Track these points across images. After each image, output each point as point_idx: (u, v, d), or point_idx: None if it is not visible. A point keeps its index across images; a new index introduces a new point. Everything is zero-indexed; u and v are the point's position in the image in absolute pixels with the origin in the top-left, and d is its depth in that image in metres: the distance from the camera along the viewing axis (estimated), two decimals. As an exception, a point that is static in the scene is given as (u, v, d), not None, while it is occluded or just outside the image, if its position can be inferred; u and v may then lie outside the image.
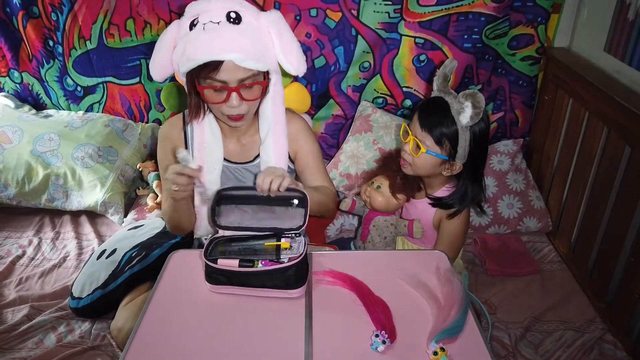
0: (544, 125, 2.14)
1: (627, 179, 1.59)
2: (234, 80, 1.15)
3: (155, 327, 1.00)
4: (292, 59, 1.22)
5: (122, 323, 1.49)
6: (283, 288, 1.05)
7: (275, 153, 1.33)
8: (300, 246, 1.08)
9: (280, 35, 1.20)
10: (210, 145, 1.33)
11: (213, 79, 1.14)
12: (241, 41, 1.13)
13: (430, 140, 1.32)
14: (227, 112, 1.21)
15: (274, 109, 1.30)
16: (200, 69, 1.13)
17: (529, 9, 1.97)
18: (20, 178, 2.08)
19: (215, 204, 1.13)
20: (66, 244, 2.01)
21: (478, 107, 1.24)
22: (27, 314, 1.63)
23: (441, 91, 1.33)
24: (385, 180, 1.48)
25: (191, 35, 1.13)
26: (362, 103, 2.21)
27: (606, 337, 1.58)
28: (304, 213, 1.10)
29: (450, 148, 1.31)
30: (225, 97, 1.18)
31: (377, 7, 1.98)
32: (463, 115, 1.26)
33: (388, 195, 1.46)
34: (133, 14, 2.08)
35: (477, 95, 1.24)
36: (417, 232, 1.47)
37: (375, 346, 0.93)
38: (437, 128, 1.30)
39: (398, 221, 1.51)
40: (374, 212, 1.52)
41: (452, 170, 1.37)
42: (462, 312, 0.99)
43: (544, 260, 1.93)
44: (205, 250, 1.07)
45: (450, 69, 1.33)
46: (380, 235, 1.51)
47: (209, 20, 1.12)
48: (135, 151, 2.24)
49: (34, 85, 2.33)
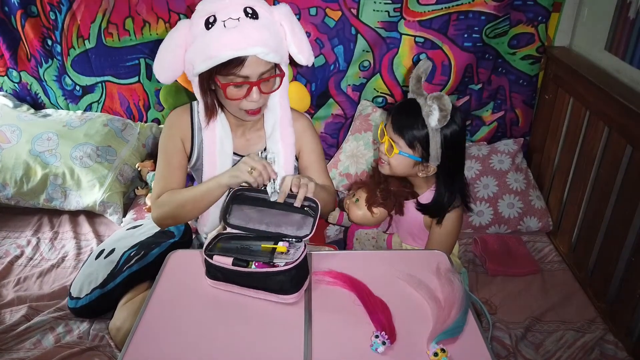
0: (545, 124, 2.13)
1: (628, 178, 1.58)
2: (256, 74, 1.17)
3: (154, 327, 0.99)
4: (303, 51, 1.25)
5: (121, 322, 1.48)
6: (277, 292, 1.03)
7: (283, 143, 1.35)
8: (297, 252, 1.06)
9: (292, 28, 1.22)
10: (222, 139, 1.34)
11: (236, 74, 1.16)
12: (263, 35, 1.14)
13: (402, 142, 1.33)
14: (247, 106, 1.23)
15: (281, 101, 1.33)
16: (222, 66, 1.14)
17: (529, 7, 1.96)
18: (18, 178, 2.07)
19: (229, 202, 1.14)
20: (65, 243, 2.01)
21: (444, 109, 1.24)
22: (25, 314, 1.63)
23: (414, 93, 1.33)
24: (363, 193, 1.48)
25: (212, 34, 1.13)
26: (361, 102, 2.20)
27: (607, 338, 1.57)
28: (312, 222, 1.10)
29: (423, 150, 1.32)
30: (245, 92, 1.19)
31: (376, 6, 1.98)
32: (431, 117, 1.27)
33: (365, 209, 1.46)
34: (132, 13, 2.07)
35: (443, 98, 1.24)
36: (395, 245, 1.48)
37: (375, 347, 0.92)
38: (409, 130, 1.32)
39: (379, 234, 1.51)
40: (357, 225, 1.52)
41: (426, 171, 1.37)
42: (463, 312, 0.98)
43: (545, 260, 1.93)
44: (207, 245, 1.07)
45: (424, 70, 1.33)
46: (362, 249, 1.50)
47: (228, 17, 1.13)
48: (134, 151, 2.23)
49: (33, 84, 2.32)
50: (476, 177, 2.06)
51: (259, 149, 1.40)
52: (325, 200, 1.36)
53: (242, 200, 1.16)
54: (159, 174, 1.38)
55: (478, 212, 2.03)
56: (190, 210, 1.33)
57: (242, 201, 1.16)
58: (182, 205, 1.31)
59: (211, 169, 1.36)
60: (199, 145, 1.38)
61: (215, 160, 1.35)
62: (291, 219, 1.12)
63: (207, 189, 1.27)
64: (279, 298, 1.04)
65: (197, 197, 1.30)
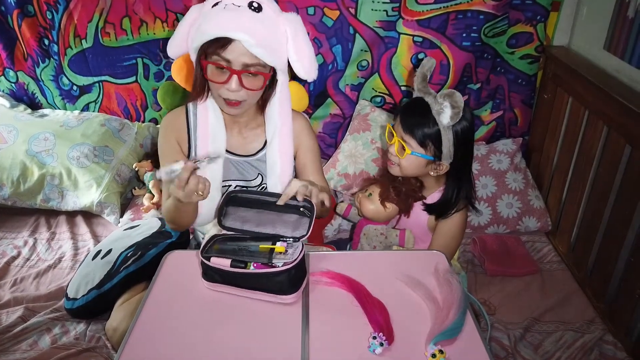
0: (543, 124, 2.12)
1: (627, 177, 1.58)
2: (239, 63, 1.17)
3: (150, 328, 0.99)
4: (303, 60, 1.24)
5: (117, 323, 1.48)
6: (276, 293, 1.03)
7: (281, 154, 1.35)
8: (296, 252, 1.06)
9: (295, 36, 1.22)
10: (215, 131, 1.33)
11: (219, 55, 1.16)
12: (256, 27, 1.14)
13: (414, 142, 1.33)
14: (225, 95, 1.22)
15: (281, 111, 1.32)
16: (210, 44, 1.15)
17: (527, 7, 1.96)
18: (15, 178, 2.06)
19: (224, 205, 1.13)
20: (62, 244, 2.00)
21: (457, 106, 1.24)
22: (22, 315, 1.61)
23: (421, 91, 1.33)
24: (377, 188, 1.48)
25: (211, 13, 1.16)
26: (360, 102, 2.20)
27: (606, 338, 1.57)
28: (308, 222, 1.09)
29: (435, 149, 1.32)
30: (226, 79, 1.19)
31: (375, 5, 1.97)
32: (443, 115, 1.27)
33: (378, 204, 1.46)
34: (129, 13, 2.06)
35: (455, 95, 1.24)
36: (408, 241, 1.47)
37: (373, 348, 0.92)
38: (420, 129, 1.31)
39: (389, 231, 1.50)
40: (366, 220, 1.51)
41: (438, 170, 1.37)
42: (461, 313, 0.98)
43: (544, 260, 1.92)
44: (203, 247, 1.07)
45: (429, 68, 1.33)
46: (370, 245, 1.50)
47: (231, 2, 1.16)
48: (132, 151, 2.22)
49: (30, 84, 2.31)
50: (475, 177, 2.05)
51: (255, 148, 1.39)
52: None
53: (237, 202, 1.15)
54: (162, 184, 1.40)
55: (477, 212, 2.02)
56: (182, 222, 1.33)
57: (237, 203, 1.15)
58: (170, 220, 1.33)
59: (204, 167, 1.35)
60: (195, 144, 1.37)
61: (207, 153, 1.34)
62: (287, 220, 1.12)
63: (169, 205, 1.27)
64: (278, 298, 1.03)
65: (171, 212, 1.29)
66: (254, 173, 1.40)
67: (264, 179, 1.41)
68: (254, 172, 1.40)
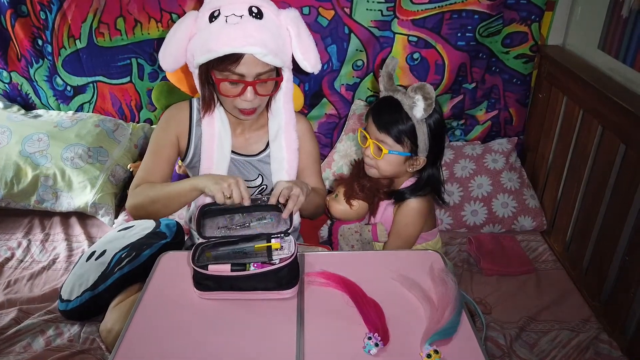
0: (539, 123, 2.13)
1: (621, 176, 1.58)
2: (252, 74, 1.17)
3: (145, 329, 0.98)
4: (309, 57, 1.25)
5: (112, 324, 1.46)
6: (275, 289, 1.03)
7: (288, 149, 1.36)
8: (290, 246, 1.08)
9: (299, 34, 1.22)
10: (221, 137, 1.34)
11: (231, 71, 1.16)
12: (263, 36, 1.14)
13: (390, 140, 1.33)
14: (240, 105, 1.22)
15: (286, 106, 1.33)
16: (219, 61, 1.15)
17: (522, 6, 1.96)
18: (8, 179, 2.05)
19: (200, 218, 1.13)
20: (56, 245, 1.98)
21: (429, 97, 1.25)
22: (15, 317, 1.60)
23: (389, 90, 1.34)
24: (342, 188, 1.48)
25: (213, 28, 1.14)
26: (355, 102, 2.19)
27: (601, 337, 1.57)
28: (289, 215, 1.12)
29: (411, 144, 1.32)
30: (240, 91, 1.19)
31: (370, 5, 1.97)
32: (416, 109, 1.27)
33: (344, 204, 1.46)
34: (123, 13, 2.05)
35: (426, 87, 1.25)
36: (381, 235, 1.47)
37: (368, 349, 0.91)
38: (394, 127, 1.31)
39: (362, 227, 1.50)
40: (340, 221, 1.52)
41: (415, 165, 1.37)
42: (456, 313, 0.98)
43: (539, 260, 1.92)
44: (192, 257, 1.05)
45: (393, 67, 1.33)
46: (347, 244, 1.50)
47: (231, 13, 1.14)
48: (126, 151, 2.21)
49: (23, 85, 2.29)
50: (470, 176, 2.06)
51: (259, 148, 1.39)
52: (317, 204, 1.41)
53: (212, 213, 1.16)
54: (144, 163, 1.37)
55: (472, 212, 2.02)
56: (161, 208, 1.31)
57: (212, 214, 1.16)
58: (154, 201, 1.30)
59: (208, 165, 1.35)
60: (196, 141, 1.37)
61: (213, 156, 1.35)
62: (265, 217, 1.14)
63: (182, 189, 1.26)
64: (278, 294, 1.04)
65: (170, 196, 1.28)
66: (254, 173, 1.41)
67: (264, 180, 1.41)
68: (254, 173, 1.41)
